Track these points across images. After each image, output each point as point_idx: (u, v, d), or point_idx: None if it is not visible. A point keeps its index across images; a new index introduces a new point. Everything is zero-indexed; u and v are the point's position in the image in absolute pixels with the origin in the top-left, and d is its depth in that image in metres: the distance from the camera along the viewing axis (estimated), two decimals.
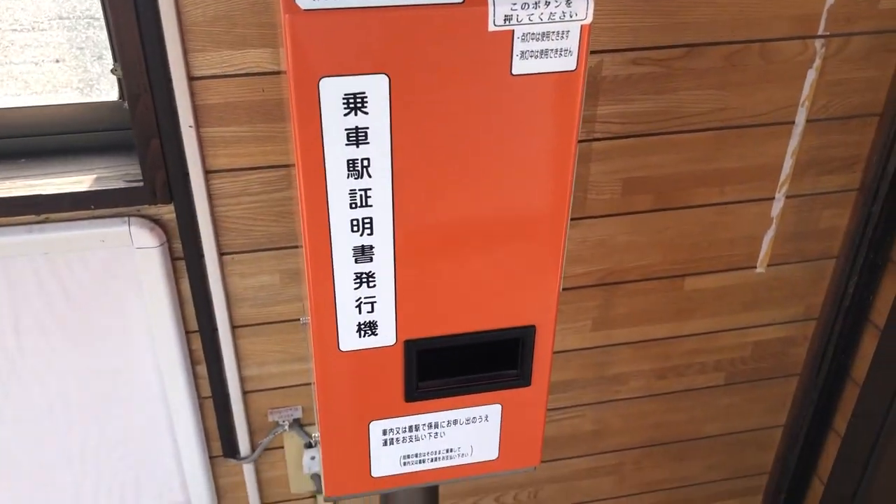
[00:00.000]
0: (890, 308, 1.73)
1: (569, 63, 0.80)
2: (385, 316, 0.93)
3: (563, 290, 1.70)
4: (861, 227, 1.72)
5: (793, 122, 1.59)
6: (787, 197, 1.68)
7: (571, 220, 1.60)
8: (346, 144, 0.81)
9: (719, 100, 1.54)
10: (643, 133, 1.54)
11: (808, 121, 1.59)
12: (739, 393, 1.96)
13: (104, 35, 1.32)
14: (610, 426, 1.94)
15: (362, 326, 0.93)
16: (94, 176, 1.43)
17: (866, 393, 1.82)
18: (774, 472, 2.13)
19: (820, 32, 1.50)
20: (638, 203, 1.63)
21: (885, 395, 1.77)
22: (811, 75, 1.54)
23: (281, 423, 1.73)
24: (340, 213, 0.85)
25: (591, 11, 0.77)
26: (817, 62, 1.53)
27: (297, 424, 1.74)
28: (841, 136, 1.63)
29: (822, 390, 1.93)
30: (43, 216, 1.42)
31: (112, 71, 1.32)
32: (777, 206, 1.69)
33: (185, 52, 1.30)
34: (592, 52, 1.43)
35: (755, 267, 1.76)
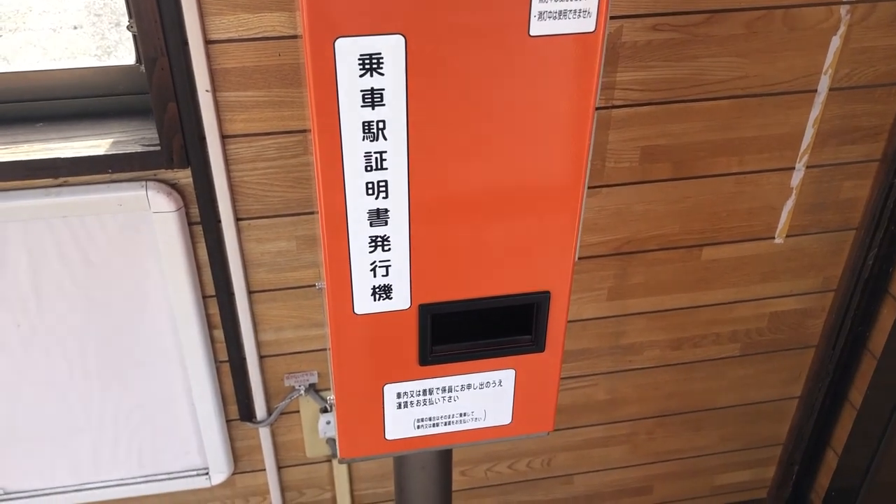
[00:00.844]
0: None
1: (587, 25, 0.79)
2: (400, 280, 0.93)
3: (579, 258, 1.69)
4: (882, 198, 1.70)
5: (815, 91, 1.57)
6: (808, 167, 1.66)
7: (589, 188, 1.59)
8: (362, 106, 0.80)
9: (740, 67, 1.52)
10: (662, 101, 1.53)
11: (830, 89, 1.57)
12: (755, 364, 1.96)
13: (122, 1, 1.31)
14: (624, 395, 1.94)
15: (377, 290, 0.93)
16: (112, 140, 1.44)
17: (883, 365, 1.81)
18: (788, 443, 2.13)
19: None
20: (656, 172, 1.61)
21: None
22: (835, 43, 1.51)
23: (297, 387, 1.74)
24: (355, 176, 0.85)
25: None
26: (842, 29, 1.50)
27: (313, 389, 1.76)
28: (865, 105, 1.60)
29: (838, 362, 1.92)
30: (61, 179, 1.43)
31: (128, 27, 1.31)
32: (797, 177, 1.67)
33: (202, 15, 1.30)
34: (612, 18, 1.41)
35: (774, 237, 1.75)
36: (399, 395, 1.04)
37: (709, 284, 1.80)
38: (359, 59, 0.77)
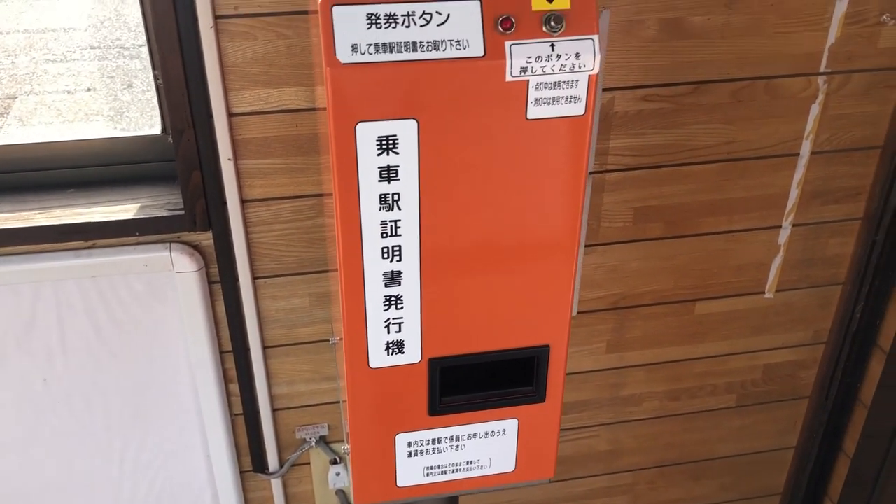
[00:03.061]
0: (894, 333, 1.79)
1: (578, 108, 0.89)
2: (411, 335, 1.02)
3: (579, 313, 1.77)
4: (866, 254, 1.78)
5: (798, 154, 1.67)
6: (794, 225, 1.75)
7: (586, 246, 1.69)
8: (379, 181, 0.90)
9: (727, 133, 1.62)
10: (654, 165, 1.63)
11: (812, 153, 1.67)
12: (751, 414, 2.02)
13: (134, 64, 1.42)
14: (624, 446, 2.01)
15: (390, 345, 1.02)
16: (139, 204, 1.53)
17: (874, 415, 1.88)
18: (786, 492, 2.18)
19: (822, 70, 1.58)
20: (649, 231, 1.71)
21: (892, 416, 1.83)
22: (814, 110, 1.62)
23: (308, 439, 1.81)
24: (373, 242, 0.94)
25: (598, 63, 0.86)
26: (820, 98, 1.61)
27: (324, 441, 1.82)
28: (844, 167, 1.70)
29: (831, 412, 1.98)
30: (90, 242, 1.52)
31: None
32: (784, 234, 1.76)
33: (226, 91, 1.40)
34: (605, 90, 1.52)
35: (764, 292, 1.83)
36: (410, 444, 1.12)
37: (703, 337, 1.88)
38: (377, 140, 0.87)
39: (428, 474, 1.16)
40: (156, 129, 1.59)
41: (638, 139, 1.59)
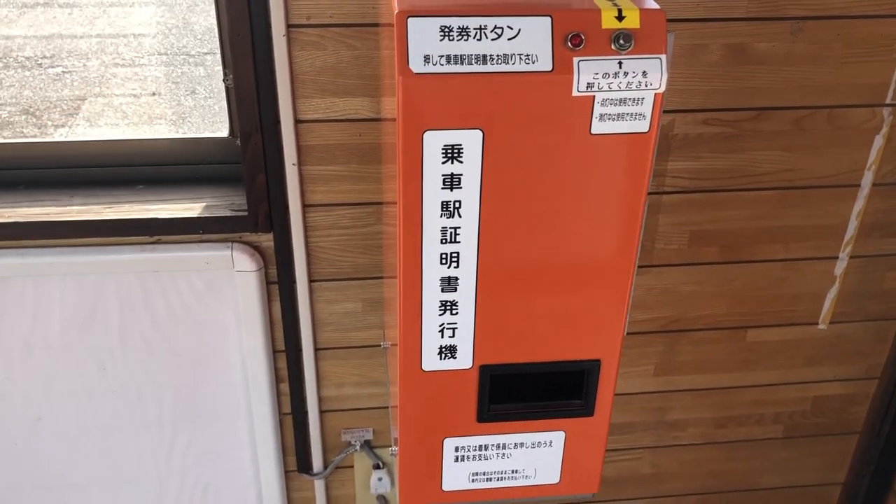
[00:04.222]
0: None
1: (642, 126, 0.90)
2: (464, 341, 1.04)
3: (628, 333, 1.78)
4: None
5: (859, 185, 1.65)
6: (851, 257, 1.73)
7: (639, 267, 1.69)
8: (442, 188, 0.92)
9: (787, 161, 1.61)
10: (712, 189, 1.63)
11: (874, 185, 1.65)
12: (798, 447, 1.99)
13: (198, 71, 1.47)
14: (667, 471, 1.99)
15: (443, 350, 1.04)
16: (204, 204, 1.59)
17: None
18: None
19: (888, 101, 1.56)
20: (704, 254, 1.70)
21: None
22: (878, 141, 1.60)
23: (353, 443, 1.84)
24: (432, 247, 0.96)
25: (664, 81, 0.88)
26: (885, 129, 1.59)
27: (368, 446, 1.85)
28: None
29: (882, 450, 1.94)
30: (156, 238, 1.57)
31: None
32: (841, 266, 1.74)
33: (294, 98, 1.45)
34: (665, 112, 1.53)
35: (818, 323, 1.81)
36: (457, 449, 1.13)
37: (754, 365, 1.86)
38: (442, 149, 0.90)
39: (473, 480, 1.17)
40: (222, 132, 1.64)
41: (697, 162, 1.59)
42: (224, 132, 1.63)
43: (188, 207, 1.58)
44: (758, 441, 1.97)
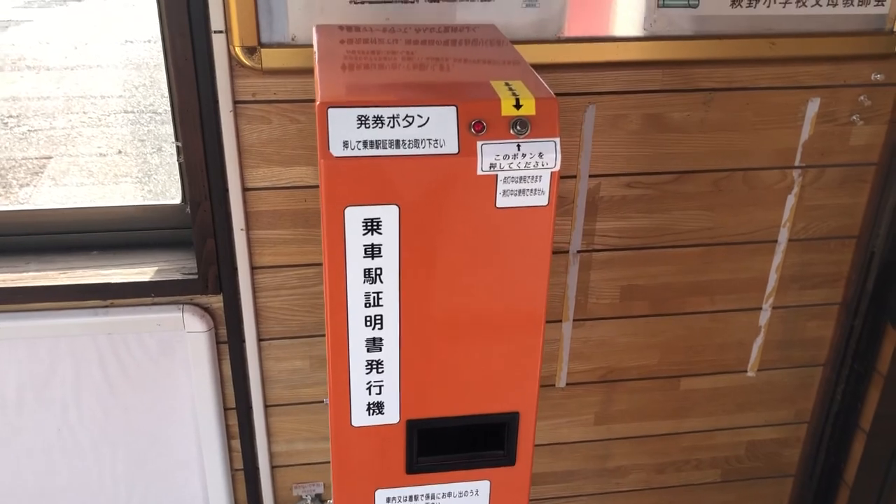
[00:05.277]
0: (873, 414, 1.85)
1: (542, 200, 1.01)
2: (391, 398, 1.11)
3: (567, 384, 1.86)
4: (845, 339, 1.86)
5: (776, 241, 1.77)
6: (774, 308, 1.84)
7: (574, 320, 1.78)
8: (364, 257, 1.01)
9: (708, 219, 1.72)
10: (639, 246, 1.73)
11: (789, 240, 1.76)
12: (735, 490, 2.07)
13: (164, 129, 1.56)
14: None
15: (371, 406, 1.12)
16: (156, 268, 1.66)
17: (857, 496, 1.92)
18: None
19: (797, 164, 1.69)
20: (636, 308, 1.80)
21: (875, 496, 1.87)
22: (790, 201, 1.72)
23: (304, 497, 1.89)
24: (357, 311, 1.05)
25: (559, 161, 0.98)
26: (796, 189, 1.71)
27: (319, 499, 1.90)
28: (821, 255, 1.80)
29: (816, 491, 2.03)
30: (109, 301, 1.64)
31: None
32: (764, 316, 1.84)
33: (242, 168, 1.54)
34: (591, 176, 1.64)
35: (746, 371, 1.91)
36: (388, 500, 1.20)
37: (688, 412, 1.95)
38: (363, 222, 0.99)
39: None
40: (177, 199, 1.72)
41: (624, 221, 1.70)
42: (179, 199, 1.71)
43: (141, 272, 1.65)
44: (697, 486, 2.05)
